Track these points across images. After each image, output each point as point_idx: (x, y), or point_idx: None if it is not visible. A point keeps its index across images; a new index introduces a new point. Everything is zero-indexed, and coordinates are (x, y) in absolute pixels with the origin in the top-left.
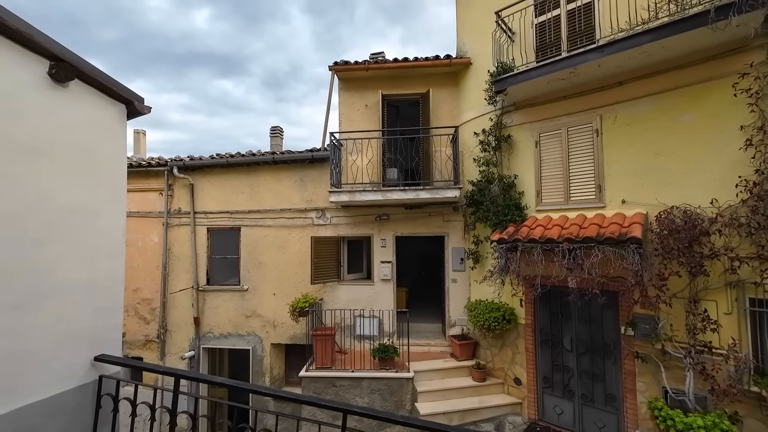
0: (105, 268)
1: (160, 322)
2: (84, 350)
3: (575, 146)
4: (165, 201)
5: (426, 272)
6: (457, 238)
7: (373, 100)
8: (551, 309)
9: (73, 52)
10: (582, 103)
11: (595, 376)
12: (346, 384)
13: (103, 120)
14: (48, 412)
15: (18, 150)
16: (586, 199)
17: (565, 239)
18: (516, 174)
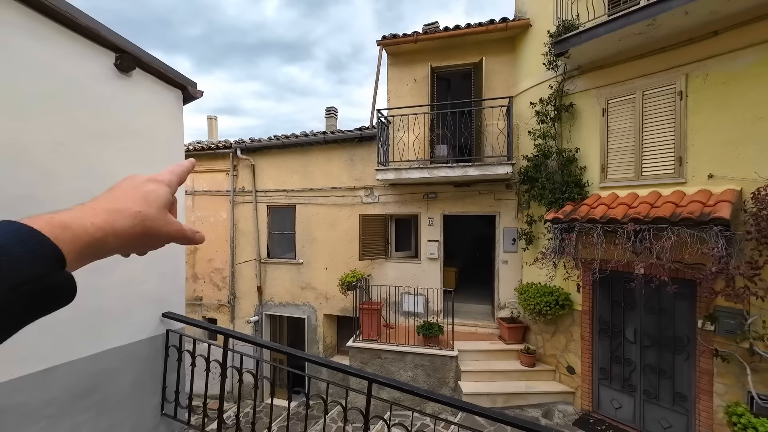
0: None
1: (230, 289)
2: (152, 308)
3: (651, 113)
4: (231, 180)
5: (480, 253)
6: (509, 218)
7: (422, 73)
8: (612, 296)
9: (134, 43)
10: (662, 62)
11: (662, 372)
12: (391, 357)
13: (161, 105)
14: (126, 358)
15: (89, 134)
16: (662, 174)
17: (631, 220)
18: (577, 147)
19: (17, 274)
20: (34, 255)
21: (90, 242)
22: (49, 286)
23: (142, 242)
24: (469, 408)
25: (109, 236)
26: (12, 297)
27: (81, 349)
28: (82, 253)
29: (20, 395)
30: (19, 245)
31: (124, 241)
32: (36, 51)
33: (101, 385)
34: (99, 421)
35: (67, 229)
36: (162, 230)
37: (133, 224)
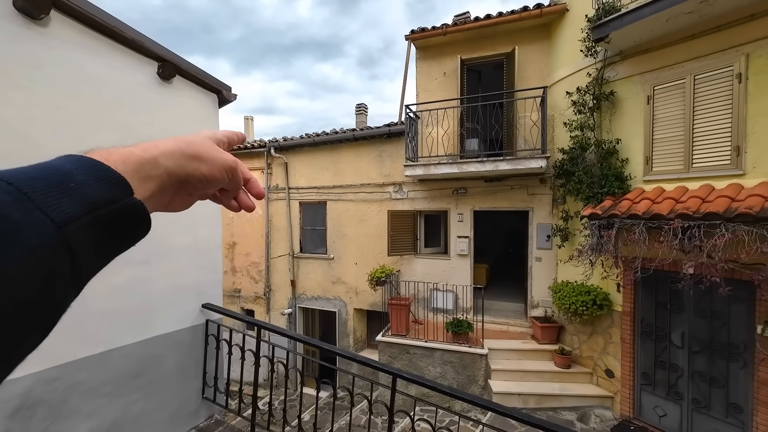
0: (205, 235)
1: (265, 282)
2: (193, 299)
3: (704, 98)
4: (265, 178)
5: (512, 249)
6: (544, 214)
7: (452, 66)
8: (657, 297)
9: (173, 52)
10: (718, 42)
11: (714, 380)
12: (419, 352)
13: (199, 109)
14: (171, 344)
15: (137, 139)
16: (715, 166)
17: (678, 215)
18: (618, 138)
19: (88, 199)
20: (100, 180)
21: (141, 162)
22: (121, 211)
23: (194, 164)
24: (494, 407)
25: (159, 156)
26: (89, 221)
27: (132, 334)
28: (140, 173)
29: (82, 374)
30: (84, 173)
31: (176, 160)
32: (91, 65)
33: (150, 368)
34: (148, 401)
35: (128, 162)
36: (211, 152)
37: (178, 144)
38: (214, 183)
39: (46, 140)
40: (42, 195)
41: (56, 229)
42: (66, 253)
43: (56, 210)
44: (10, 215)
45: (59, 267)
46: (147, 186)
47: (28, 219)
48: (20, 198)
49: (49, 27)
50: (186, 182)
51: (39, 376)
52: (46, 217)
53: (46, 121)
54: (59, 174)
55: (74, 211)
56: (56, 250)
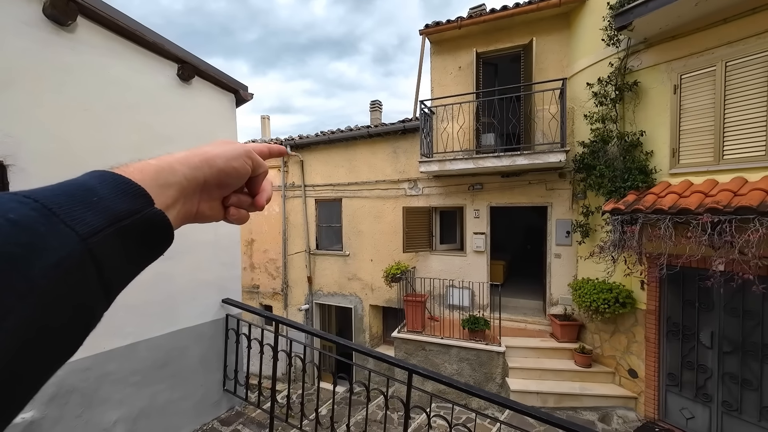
0: (225, 232)
1: (283, 278)
2: (214, 294)
3: (736, 86)
4: (282, 176)
5: (531, 246)
6: (563, 209)
7: (467, 60)
8: (684, 295)
9: (192, 53)
10: (752, 25)
11: (747, 382)
12: (435, 349)
13: (217, 109)
14: (194, 337)
15: (158, 139)
16: (749, 157)
17: (707, 210)
18: (642, 130)
19: (111, 211)
20: (122, 193)
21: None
22: (143, 221)
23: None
24: (512, 405)
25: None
26: (113, 232)
27: (158, 327)
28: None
29: (112, 364)
30: (107, 187)
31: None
32: (115, 68)
33: (174, 360)
34: (173, 391)
35: (145, 172)
36: (222, 147)
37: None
38: (235, 175)
39: (76, 140)
40: (66, 209)
41: (81, 241)
42: (92, 264)
43: (80, 223)
44: (36, 229)
45: (86, 278)
46: (167, 193)
47: (54, 232)
48: (45, 213)
49: (76, 33)
50: (208, 185)
51: (73, 366)
52: (71, 230)
53: (75, 122)
54: (83, 189)
55: (98, 224)
56: (82, 262)
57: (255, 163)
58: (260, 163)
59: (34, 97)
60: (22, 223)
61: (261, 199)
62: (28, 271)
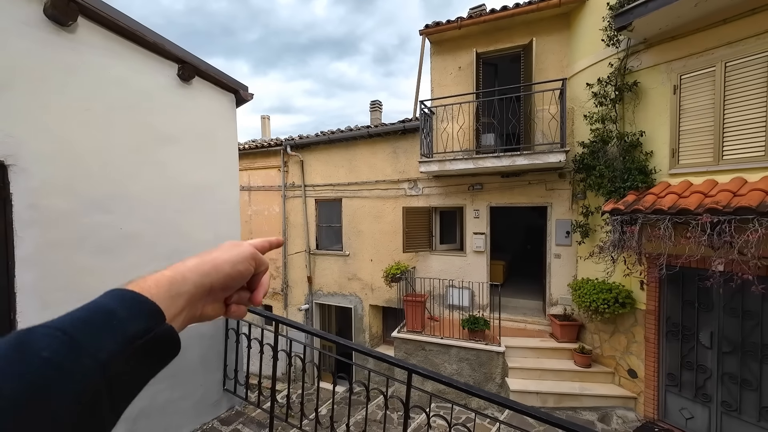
0: (225, 231)
1: (283, 278)
2: None
3: (736, 87)
4: (282, 176)
5: (530, 246)
6: (563, 209)
7: (467, 60)
8: (683, 295)
9: (192, 53)
10: (752, 26)
11: (746, 382)
12: (435, 349)
13: (218, 109)
14: (194, 336)
15: (160, 139)
16: (748, 157)
17: (707, 210)
18: (642, 130)
19: (128, 333)
20: (138, 313)
21: (171, 281)
22: (155, 338)
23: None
24: (512, 405)
25: (185, 271)
26: (128, 353)
27: None
28: (171, 291)
29: None
30: (124, 308)
31: (200, 272)
32: (116, 68)
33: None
34: (173, 391)
35: (160, 284)
36: (229, 251)
37: (201, 257)
38: (240, 278)
39: (77, 140)
40: (90, 339)
41: (101, 368)
42: (107, 387)
43: (102, 350)
44: (64, 365)
45: (101, 399)
46: (177, 303)
47: (79, 365)
48: (73, 347)
49: (77, 33)
50: (214, 289)
51: None
52: (94, 361)
53: (76, 122)
54: (104, 313)
55: (116, 348)
56: (100, 388)
57: (258, 262)
58: (262, 262)
59: (35, 98)
60: (54, 360)
61: (258, 296)
62: (56, 405)
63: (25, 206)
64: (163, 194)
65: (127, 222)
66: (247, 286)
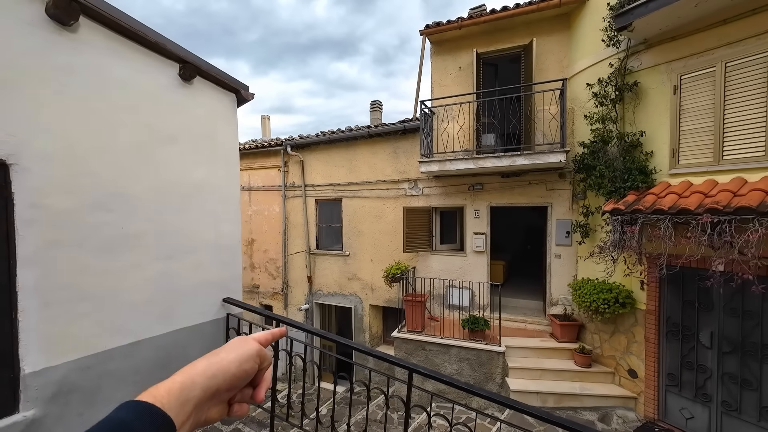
0: (226, 231)
1: (283, 278)
2: (215, 293)
3: (736, 87)
4: (282, 176)
5: (531, 246)
6: (563, 209)
7: (467, 60)
8: (684, 295)
9: (193, 53)
10: (752, 26)
11: (746, 382)
12: (435, 349)
13: (219, 108)
14: (194, 336)
15: (161, 139)
16: (748, 158)
17: (707, 210)
18: (642, 131)
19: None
20: (151, 425)
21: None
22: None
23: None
24: (512, 404)
25: (195, 376)
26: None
27: (159, 327)
28: (181, 398)
29: (114, 362)
30: (139, 421)
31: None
32: (117, 68)
33: (175, 359)
34: None
35: (172, 392)
36: (236, 351)
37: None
38: (245, 378)
39: (78, 140)
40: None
41: None
42: None
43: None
44: None
45: None
46: (186, 409)
47: None
48: None
49: (79, 33)
50: (220, 390)
51: (75, 364)
52: None
53: (78, 122)
54: (122, 429)
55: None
56: None
57: (262, 358)
58: (266, 358)
59: (36, 97)
60: None
61: (261, 393)
62: None
63: (27, 205)
64: (164, 194)
65: (129, 221)
66: (250, 382)
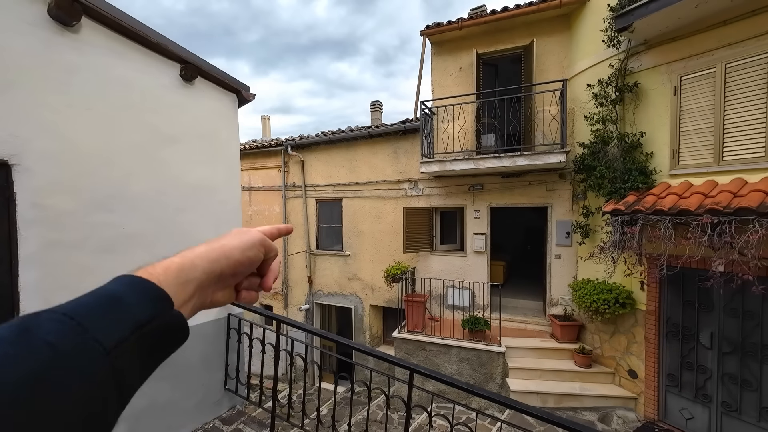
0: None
1: (283, 278)
2: None
3: (736, 88)
4: (282, 176)
5: (531, 246)
6: (563, 210)
7: (468, 61)
8: (684, 295)
9: (194, 54)
10: (752, 27)
11: (746, 382)
12: (435, 349)
13: (220, 109)
14: (196, 336)
15: (163, 139)
16: (748, 158)
17: (707, 211)
18: (642, 131)
19: (136, 319)
20: (146, 299)
21: (180, 268)
22: (163, 324)
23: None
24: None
25: (195, 258)
26: (135, 340)
27: None
28: (178, 279)
29: None
30: (133, 293)
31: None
32: (119, 68)
33: (176, 359)
34: (175, 390)
35: (169, 270)
36: (238, 238)
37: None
38: (249, 264)
39: (80, 140)
40: (96, 325)
41: (107, 355)
42: (113, 375)
43: (108, 336)
44: (69, 351)
45: (107, 388)
46: (187, 290)
47: (85, 351)
48: (80, 332)
49: (80, 33)
50: (224, 275)
51: None
52: (101, 348)
53: (79, 122)
54: (112, 299)
55: (123, 335)
56: (105, 375)
57: (267, 248)
58: (271, 248)
59: (38, 97)
60: (60, 346)
61: (269, 281)
62: (60, 393)
63: (29, 205)
64: (165, 194)
65: (130, 221)
66: (257, 272)
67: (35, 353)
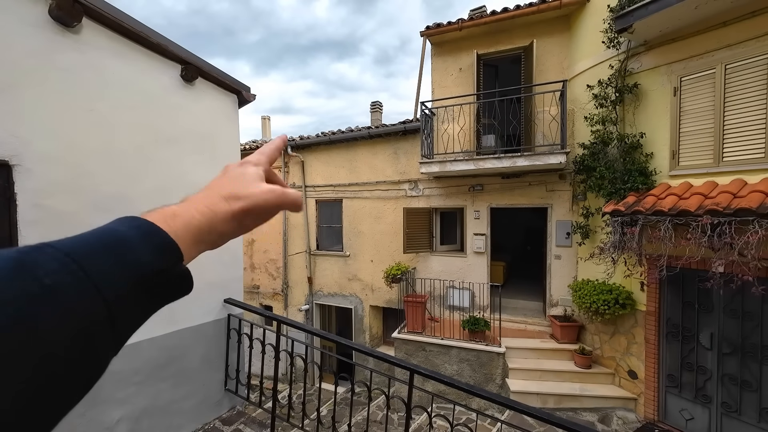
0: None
1: (283, 278)
2: (216, 294)
3: (735, 89)
4: (282, 176)
5: (531, 247)
6: (563, 210)
7: (468, 62)
8: (683, 296)
9: (195, 54)
10: (752, 28)
11: (746, 383)
12: (435, 350)
13: (220, 109)
14: (196, 336)
15: (163, 140)
16: (748, 159)
17: (707, 211)
18: (642, 132)
19: (139, 267)
20: (153, 247)
21: (200, 227)
22: (168, 279)
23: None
24: (513, 405)
25: (214, 219)
26: (138, 291)
27: (160, 327)
28: (195, 239)
29: (115, 363)
30: (140, 238)
31: (227, 221)
32: (119, 69)
33: (176, 359)
34: (176, 390)
35: (178, 218)
36: (256, 196)
37: (229, 203)
38: (264, 214)
39: (81, 141)
40: (99, 271)
41: (107, 305)
42: (110, 323)
43: (108, 285)
44: (67, 295)
45: (102, 334)
46: (199, 248)
47: (83, 297)
48: (79, 276)
49: (81, 34)
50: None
51: None
52: (100, 297)
53: (80, 122)
54: (116, 240)
55: (123, 284)
56: (102, 322)
57: (268, 173)
58: (273, 174)
59: (39, 98)
60: (57, 288)
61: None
62: (50, 340)
63: (30, 206)
64: (166, 195)
65: None
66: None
67: (28, 293)
